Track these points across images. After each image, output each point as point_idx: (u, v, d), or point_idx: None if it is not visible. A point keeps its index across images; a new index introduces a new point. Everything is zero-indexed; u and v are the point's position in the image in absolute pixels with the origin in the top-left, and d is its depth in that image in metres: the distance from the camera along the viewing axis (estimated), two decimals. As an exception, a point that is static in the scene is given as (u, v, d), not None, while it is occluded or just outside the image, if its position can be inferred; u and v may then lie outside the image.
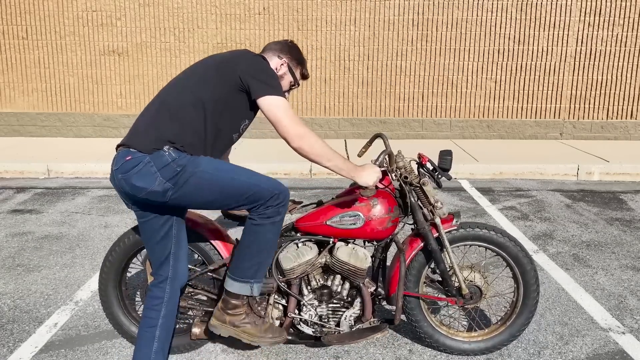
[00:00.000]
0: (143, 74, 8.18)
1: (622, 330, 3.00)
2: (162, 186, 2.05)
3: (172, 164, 2.05)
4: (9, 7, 7.96)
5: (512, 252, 2.61)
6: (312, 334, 2.57)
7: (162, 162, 2.05)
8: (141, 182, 2.04)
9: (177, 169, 2.05)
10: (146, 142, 2.08)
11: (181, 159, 2.07)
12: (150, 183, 2.04)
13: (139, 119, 2.20)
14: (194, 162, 2.09)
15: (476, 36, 8.06)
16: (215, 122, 2.18)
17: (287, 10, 7.99)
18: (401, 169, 2.53)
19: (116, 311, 2.69)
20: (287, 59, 2.37)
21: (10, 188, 5.95)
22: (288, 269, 2.49)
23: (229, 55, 2.24)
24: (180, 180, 2.05)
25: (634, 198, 5.67)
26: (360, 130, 8.35)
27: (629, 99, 8.23)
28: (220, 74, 2.17)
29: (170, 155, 2.06)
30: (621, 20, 7.97)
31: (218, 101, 2.16)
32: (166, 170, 2.04)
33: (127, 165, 2.06)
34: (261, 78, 2.13)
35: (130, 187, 2.06)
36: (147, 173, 2.04)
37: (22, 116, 8.25)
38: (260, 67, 2.17)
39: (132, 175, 2.05)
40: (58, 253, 4.08)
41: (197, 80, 2.18)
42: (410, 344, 2.85)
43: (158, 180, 2.04)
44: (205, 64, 2.24)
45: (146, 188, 2.04)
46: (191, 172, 2.06)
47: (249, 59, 2.20)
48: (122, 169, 2.07)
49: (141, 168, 2.04)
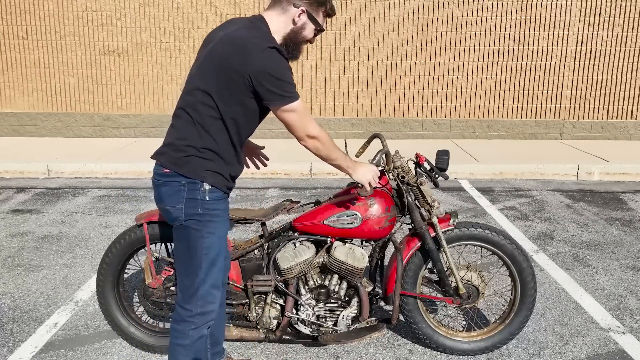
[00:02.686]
0: (143, 74, 8.19)
1: (622, 330, 3.00)
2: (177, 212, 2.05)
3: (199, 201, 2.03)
4: (9, 7, 7.97)
5: (507, 250, 2.61)
6: (309, 333, 2.57)
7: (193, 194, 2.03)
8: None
9: (199, 211, 2.03)
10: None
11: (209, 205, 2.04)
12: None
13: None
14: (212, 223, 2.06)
15: (476, 36, 8.06)
16: (237, 132, 2.07)
17: (287, 11, 7.99)
18: (398, 168, 2.53)
19: (114, 312, 2.69)
20: (305, 5, 2.03)
21: (10, 188, 5.95)
22: (285, 268, 2.49)
23: (232, 44, 1.95)
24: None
25: (634, 198, 5.66)
26: (360, 130, 8.35)
27: (629, 99, 8.22)
28: (225, 78, 1.96)
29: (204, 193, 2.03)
30: (621, 20, 7.96)
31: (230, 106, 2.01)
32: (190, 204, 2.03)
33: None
34: (274, 87, 1.93)
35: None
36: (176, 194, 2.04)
37: (22, 116, 8.26)
38: (272, 72, 1.92)
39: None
40: (58, 253, 4.08)
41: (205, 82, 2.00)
42: (410, 344, 2.85)
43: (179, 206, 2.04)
44: (210, 58, 1.99)
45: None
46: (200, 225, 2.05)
47: (261, 59, 1.92)
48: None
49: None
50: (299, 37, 2.08)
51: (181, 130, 2.02)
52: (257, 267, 2.57)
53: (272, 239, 2.61)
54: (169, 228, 2.59)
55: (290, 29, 2.05)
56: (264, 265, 2.57)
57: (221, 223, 2.10)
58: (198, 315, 2.09)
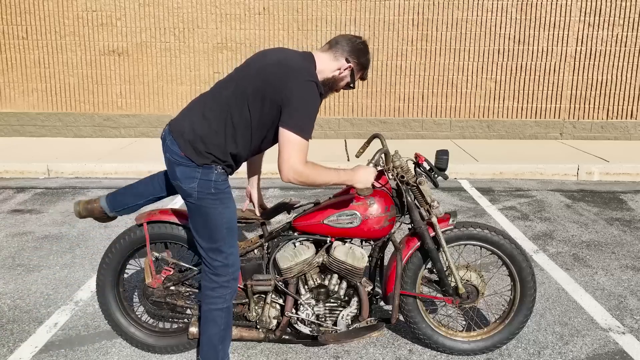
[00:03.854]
0: (143, 74, 8.19)
1: (622, 330, 3.00)
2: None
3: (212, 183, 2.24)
4: (9, 7, 7.98)
5: (507, 250, 2.61)
6: (309, 333, 2.57)
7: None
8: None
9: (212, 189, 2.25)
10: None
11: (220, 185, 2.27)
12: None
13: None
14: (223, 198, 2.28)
15: (476, 36, 8.06)
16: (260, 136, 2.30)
17: (287, 10, 8.00)
18: (398, 168, 2.53)
19: (114, 312, 2.69)
20: (354, 64, 2.32)
21: (10, 188, 5.95)
22: (285, 268, 2.50)
23: (282, 66, 2.19)
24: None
25: (634, 198, 5.66)
26: (360, 130, 8.35)
27: (629, 99, 8.22)
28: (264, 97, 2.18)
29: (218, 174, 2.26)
30: (621, 20, 7.96)
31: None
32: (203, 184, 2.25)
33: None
34: (297, 112, 2.13)
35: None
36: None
37: (22, 116, 8.26)
38: (303, 101, 2.14)
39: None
40: (58, 253, 4.08)
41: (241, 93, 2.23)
42: (410, 344, 2.85)
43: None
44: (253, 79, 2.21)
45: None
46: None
47: (300, 86, 2.15)
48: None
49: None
50: (335, 85, 2.36)
51: (213, 127, 2.21)
52: (256, 266, 2.57)
53: (272, 238, 2.61)
54: (169, 228, 2.59)
55: (333, 76, 2.32)
56: (264, 265, 2.57)
57: (231, 198, 2.34)
58: (232, 280, 2.36)
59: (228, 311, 2.39)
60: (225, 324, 2.40)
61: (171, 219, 2.58)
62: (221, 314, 2.37)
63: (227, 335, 2.42)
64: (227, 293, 2.36)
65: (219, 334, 2.38)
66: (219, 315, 2.37)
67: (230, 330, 2.44)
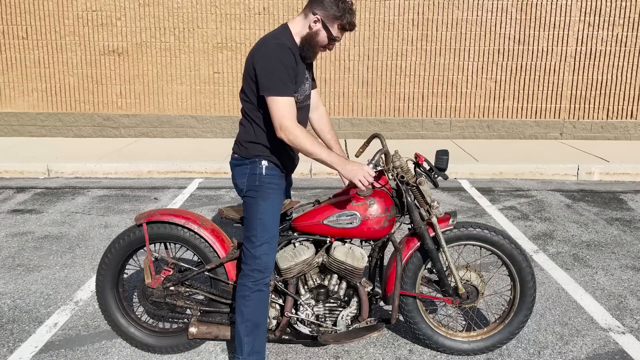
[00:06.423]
0: (143, 74, 8.19)
1: (622, 330, 3.00)
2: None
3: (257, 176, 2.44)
4: (9, 7, 7.98)
5: (506, 250, 2.61)
6: (309, 333, 2.57)
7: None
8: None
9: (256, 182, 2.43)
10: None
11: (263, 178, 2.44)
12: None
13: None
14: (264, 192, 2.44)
15: (476, 36, 8.06)
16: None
17: (287, 10, 7.99)
18: (397, 168, 2.53)
19: (114, 312, 2.69)
20: (323, 16, 2.33)
21: (10, 188, 5.95)
22: (285, 268, 2.49)
23: (254, 47, 2.39)
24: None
25: (634, 198, 5.66)
26: (360, 130, 8.35)
27: (629, 99, 8.22)
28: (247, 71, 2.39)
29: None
30: (621, 20, 7.96)
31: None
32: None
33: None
34: (265, 78, 2.27)
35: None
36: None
37: (22, 116, 8.26)
38: (267, 64, 2.27)
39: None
40: (58, 253, 4.09)
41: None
42: (410, 344, 2.85)
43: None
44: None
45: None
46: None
47: (264, 52, 2.29)
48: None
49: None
50: (313, 40, 2.37)
51: (242, 127, 2.48)
52: (256, 267, 2.56)
53: (272, 238, 2.61)
54: (168, 228, 2.60)
55: (307, 32, 2.38)
56: (264, 265, 2.57)
57: (275, 194, 2.45)
58: (256, 271, 2.42)
59: (251, 301, 2.40)
60: (249, 318, 2.40)
61: (171, 219, 2.58)
62: (243, 301, 2.41)
63: (253, 330, 2.42)
64: (249, 282, 2.40)
65: (243, 325, 2.41)
66: (242, 303, 2.42)
67: (257, 328, 2.43)
